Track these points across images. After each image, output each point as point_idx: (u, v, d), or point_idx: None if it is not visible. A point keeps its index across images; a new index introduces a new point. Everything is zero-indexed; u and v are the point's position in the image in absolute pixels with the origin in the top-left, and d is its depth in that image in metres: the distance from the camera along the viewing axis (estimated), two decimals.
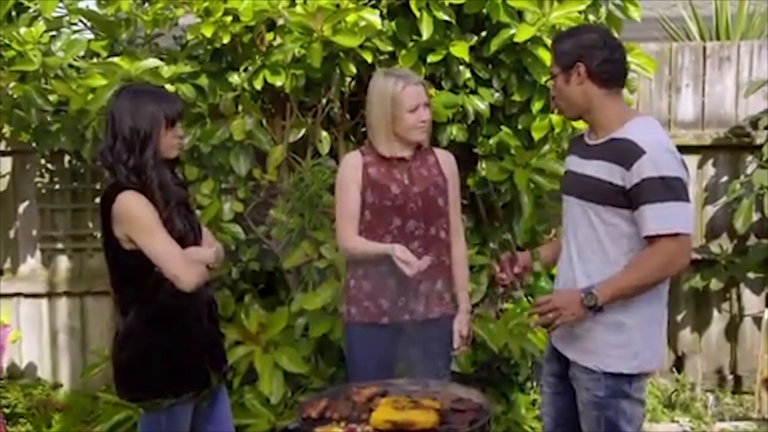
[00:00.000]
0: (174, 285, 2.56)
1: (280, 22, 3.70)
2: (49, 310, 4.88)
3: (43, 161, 4.78)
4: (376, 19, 3.59)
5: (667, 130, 4.33)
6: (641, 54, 3.85)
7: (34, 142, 4.22)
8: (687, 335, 4.91)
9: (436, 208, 2.98)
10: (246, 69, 3.74)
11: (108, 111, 2.65)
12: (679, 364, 4.86)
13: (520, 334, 3.91)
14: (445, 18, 3.66)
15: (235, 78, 3.76)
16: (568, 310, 2.45)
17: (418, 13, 3.64)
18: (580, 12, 3.69)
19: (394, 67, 3.62)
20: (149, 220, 2.55)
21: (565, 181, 2.69)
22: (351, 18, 3.56)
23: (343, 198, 2.99)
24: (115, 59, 3.75)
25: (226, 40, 3.63)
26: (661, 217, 2.37)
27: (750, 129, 4.75)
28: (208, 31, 3.58)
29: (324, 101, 3.96)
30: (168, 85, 3.58)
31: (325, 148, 3.93)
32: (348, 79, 3.90)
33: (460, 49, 3.69)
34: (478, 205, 4.15)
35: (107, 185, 2.67)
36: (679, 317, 4.88)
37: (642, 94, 4.73)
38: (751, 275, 4.68)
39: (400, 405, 2.28)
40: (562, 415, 2.71)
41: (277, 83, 3.65)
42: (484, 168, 3.94)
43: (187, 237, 2.65)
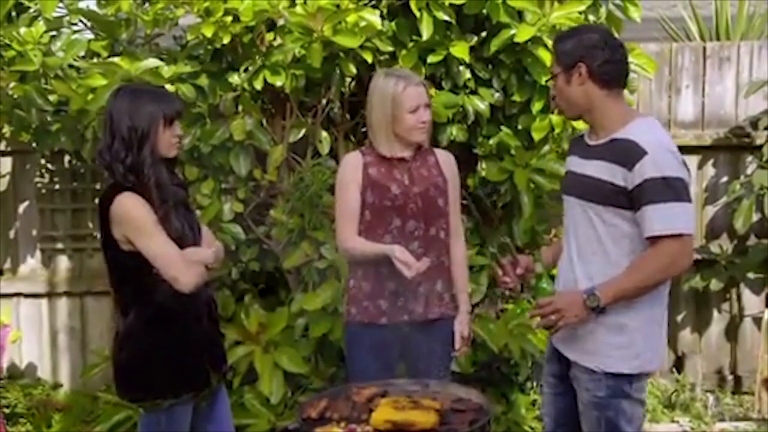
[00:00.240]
0: (173, 285, 2.56)
1: (281, 22, 3.70)
2: (49, 310, 4.88)
3: (43, 161, 4.78)
4: (376, 20, 3.59)
5: (667, 131, 4.32)
6: (641, 54, 3.86)
7: (34, 142, 4.22)
8: (687, 335, 4.91)
9: (436, 209, 2.98)
10: (246, 69, 3.74)
11: (106, 111, 2.65)
12: (679, 365, 4.86)
13: (520, 334, 3.91)
14: (446, 18, 3.66)
15: (235, 78, 3.76)
16: (571, 311, 2.44)
17: (418, 13, 3.65)
18: (580, 12, 3.69)
19: (395, 67, 3.62)
20: (147, 221, 2.54)
21: (566, 182, 2.69)
22: (351, 18, 3.56)
23: (343, 198, 2.98)
24: (116, 59, 3.75)
25: (226, 41, 3.63)
26: (663, 218, 2.36)
27: (750, 129, 4.75)
28: (209, 31, 3.58)
29: (324, 101, 3.96)
30: (168, 85, 3.59)
31: (325, 149, 3.93)
32: (348, 79, 3.91)
33: (461, 50, 3.69)
34: (478, 206, 4.15)
35: (106, 186, 2.67)
36: (679, 317, 4.88)
37: (642, 95, 4.73)
38: (751, 275, 4.68)
39: (400, 405, 2.28)
40: (563, 416, 2.71)
41: (277, 83, 3.65)
42: (484, 168, 3.95)
43: (186, 237, 2.64)
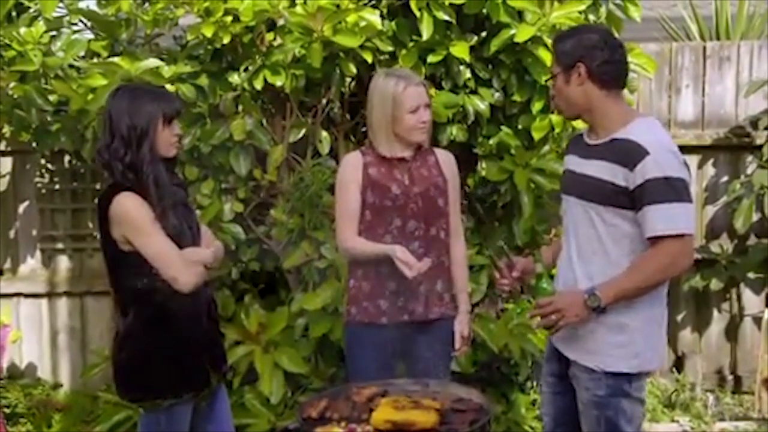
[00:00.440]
0: (172, 286, 2.56)
1: (281, 22, 3.70)
2: (49, 310, 4.88)
3: (43, 161, 4.78)
4: (376, 19, 3.59)
5: (667, 131, 4.32)
6: (641, 54, 3.85)
7: (34, 142, 4.21)
8: (687, 335, 4.91)
9: (436, 209, 2.98)
10: (246, 69, 3.74)
11: (105, 110, 2.65)
12: (679, 364, 4.86)
13: (520, 334, 3.91)
14: (446, 18, 3.66)
15: (235, 78, 3.76)
16: (572, 311, 2.44)
17: (418, 13, 3.64)
18: (580, 12, 3.69)
19: (395, 67, 3.62)
20: (146, 221, 2.54)
21: (565, 181, 2.68)
22: (351, 18, 3.56)
23: (343, 198, 2.98)
24: (116, 59, 3.75)
25: (226, 40, 3.63)
26: (665, 218, 2.36)
27: (750, 129, 4.75)
28: (209, 31, 3.58)
29: (324, 101, 3.96)
30: (168, 85, 3.58)
31: (325, 148, 3.93)
32: (348, 79, 3.91)
33: (461, 49, 3.69)
34: (478, 206, 4.14)
35: (105, 186, 2.67)
36: (679, 317, 4.88)
37: (642, 95, 4.73)
38: (751, 275, 4.68)
39: (401, 405, 2.28)
40: (562, 415, 2.71)
41: (278, 83, 3.65)
42: (484, 168, 3.95)
43: (184, 236, 2.64)
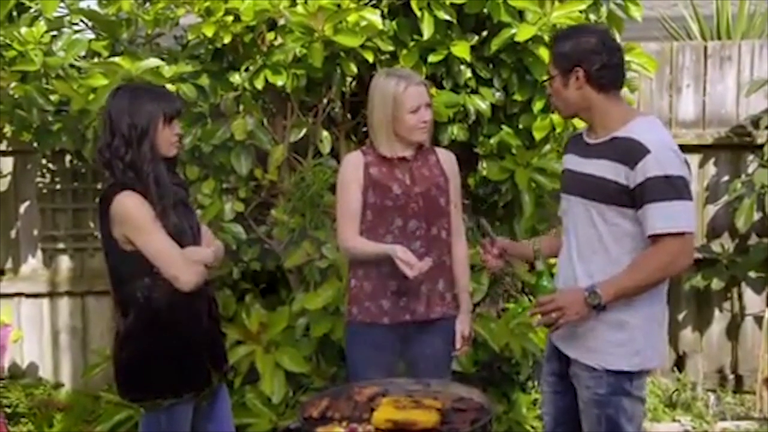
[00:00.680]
0: (173, 285, 2.56)
1: (281, 21, 3.69)
2: (50, 310, 4.88)
3: (44, 161, 4.78)
4: (377, 19, 3.59)
5: (668, 130, 4.33)
6: (642, 54, 3.85)
7: (36, 142, 4.21)
8: (688, 334, 4.91)
9: (437, 208, 2.98)
10: (247, 69, 3.74)
11: (106, 110, 2.65)
12: (680, 364, 4.86)
13: (521, 333, 3.91)
14: (446, 17, 3.66)
15: (236, 78, 3.76)
16: (572, 309, 2.44)
17: (419, 12, 3.64)
18: (580, 11, 3.69)
19: (396, 67, 3.62)
20: (147, 220, 2.54)
21: (566, 181, 2.68)
22: (352, 18, 3.56)
23: (344, 198, 2.98)
24: (116, 59, 3.74)
25: (227, 40, 3.63)
26: (665, 216, 2.37)
27: (751, 128, 4.75)
28: (209, 31, 3.58)
29: (325, 101, 3.96)
30: (169, 85, 3.58)
31: (326, 148, 3.93)
32: (349, 78, 3.90)
33: (461, 49, 3.69)
34: (478, 205, 4.14)
35: (106, 186, 2.67)
36: (680, 316, 4.88)
37: (643, 94, 4.73)
38: (753, 274, 4.68)
39: (402, 404, 2.28)
40: (563, 414, 2.71)
41: (278, 83, 3.65)
42: (485, 167, 3.95)
43: (185, 235, 2.65)
